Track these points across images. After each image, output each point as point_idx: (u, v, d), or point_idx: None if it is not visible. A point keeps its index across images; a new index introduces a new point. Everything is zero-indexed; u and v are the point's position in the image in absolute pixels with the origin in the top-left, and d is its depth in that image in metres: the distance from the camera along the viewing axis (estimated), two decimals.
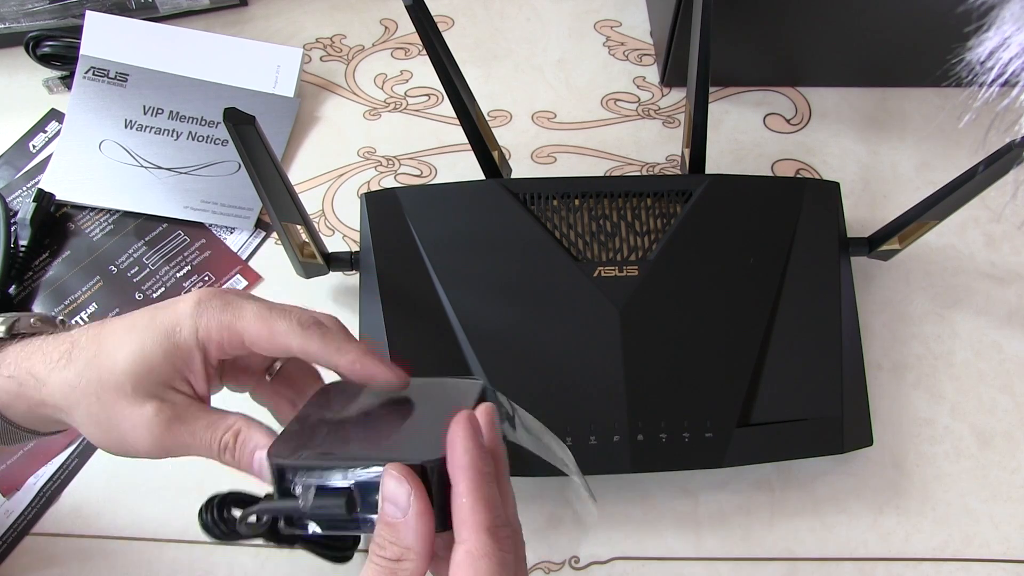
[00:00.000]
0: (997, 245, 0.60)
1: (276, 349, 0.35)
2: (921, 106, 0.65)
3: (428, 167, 0.63)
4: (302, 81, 0.66)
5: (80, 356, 0.35)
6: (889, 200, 0.61)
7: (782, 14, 0.60)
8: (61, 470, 0.52)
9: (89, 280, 0.58)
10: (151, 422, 0.34)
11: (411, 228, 0.51)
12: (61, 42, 0.64)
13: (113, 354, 0.35)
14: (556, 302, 0.50)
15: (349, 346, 0.35)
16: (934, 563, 0.50)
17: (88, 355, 0.35)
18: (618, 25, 0.70)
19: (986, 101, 0.29)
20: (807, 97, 0.66)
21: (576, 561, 0.49)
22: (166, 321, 0.35)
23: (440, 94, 0.66)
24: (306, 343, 0.35)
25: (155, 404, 0.34)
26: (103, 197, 0.60)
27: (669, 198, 0.52)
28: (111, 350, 0.35)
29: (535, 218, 0.51)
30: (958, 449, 0.53)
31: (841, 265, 0.52)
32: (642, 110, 0.65)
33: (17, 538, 0.50)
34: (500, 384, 0.48)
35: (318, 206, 0.61)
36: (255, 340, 0.35)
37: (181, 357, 0.35)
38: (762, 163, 0.63)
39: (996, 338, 0.56)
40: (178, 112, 0.63)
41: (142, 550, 0.50)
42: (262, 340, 0.35)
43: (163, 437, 0.34)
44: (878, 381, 0.55)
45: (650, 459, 0.47)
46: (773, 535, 0.50)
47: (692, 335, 0.49)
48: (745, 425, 0.48)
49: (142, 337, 0.35)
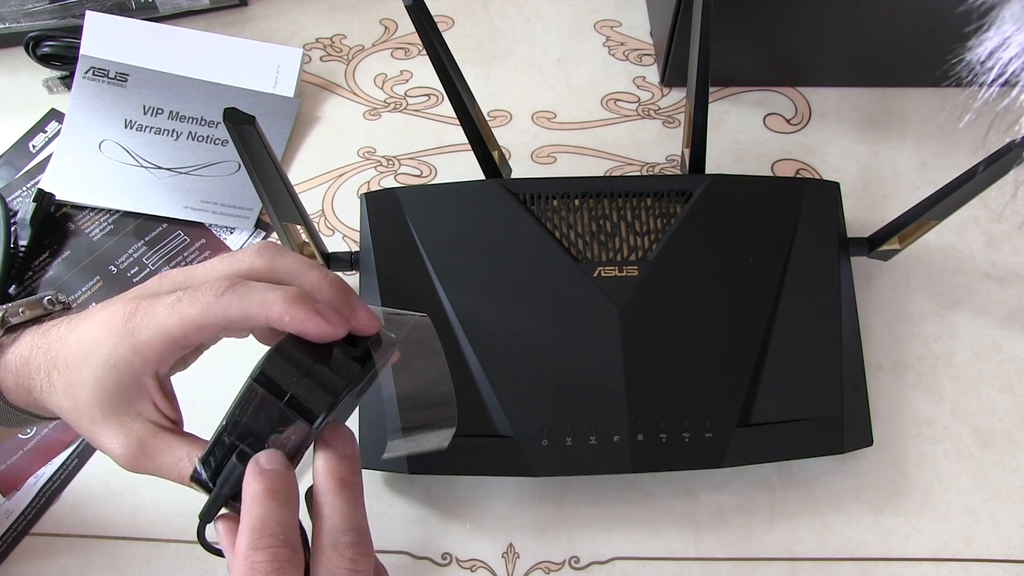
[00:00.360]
0: (997, 245, 0.60)
1: (208, 335, 0.33)
2: (921, 106, 0.65)
3: (428, 167, 0.63)
4: (302, 81, 0.66)
5: (58, 383, 0.35)
6: (889, 200, 0.61)
7: (782, 14, 0.60)
8: (61, 470, 0.52)
9: (89, 280, 0.58)
10: (120, 456, 0.34)
11: (411, 228, 0.51)
12: (61, 42, 0.64)
13: (80, 383, 0.34)
14: (556, 302, 0.50)
15: (273, 297, 0.32)
16: (934, 563, 0.50)
17: (63, 383, 0.34)
18: (618, 25, 0.70)
19: (986, 101, 0.28)
20: (807, 97, 0.66)
21: (576, 561, 0.49)
22: (107, 347, 0.33)
23: (440, 94, 0.66)
24: (226, 314, 0.32)
25: (121, 438, 0.34)
26: (103, 197, 0.60)
27: (669, 198, 0.52)
28: (76, 381, 0.34)
29: (535, 218, 0.51)
30: (958, 449, 0.53)
31: (841, 265, 0.52)
32: (642, 110, 0.65)
33: (17, 538, 0.50)
34: (500, 384, 0.48)
35: (318, 206, 0.61)
36: (185, 336, 0.32)
37: (131, 384, 0.34)
38: (762, 163, 0.63)
39: (996, 338, 0.56)
40: (178, 112, 0.63)
41: (142, 550, 0.50)
42: (189, 334, 0.32)
43: (134, 467, 0.34)
44: (878, 381, 0.55)
45: (650, 459, 0.47)
46: (773, 535, 0.50)
47: (692, 335, 0.49)
48: (745, 425, 0.48)
49: (94, 368, 0.33)
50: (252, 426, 0.32)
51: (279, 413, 0.32)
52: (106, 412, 0.34)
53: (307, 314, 0.32)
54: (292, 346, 0.33)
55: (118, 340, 0.33)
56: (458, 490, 0.51)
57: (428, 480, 0.51)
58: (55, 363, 0.35)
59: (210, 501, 0.33)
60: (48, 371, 0.35)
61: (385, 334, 0.35)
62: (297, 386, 0.32)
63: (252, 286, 0.32)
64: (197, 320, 0.32)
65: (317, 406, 0.32)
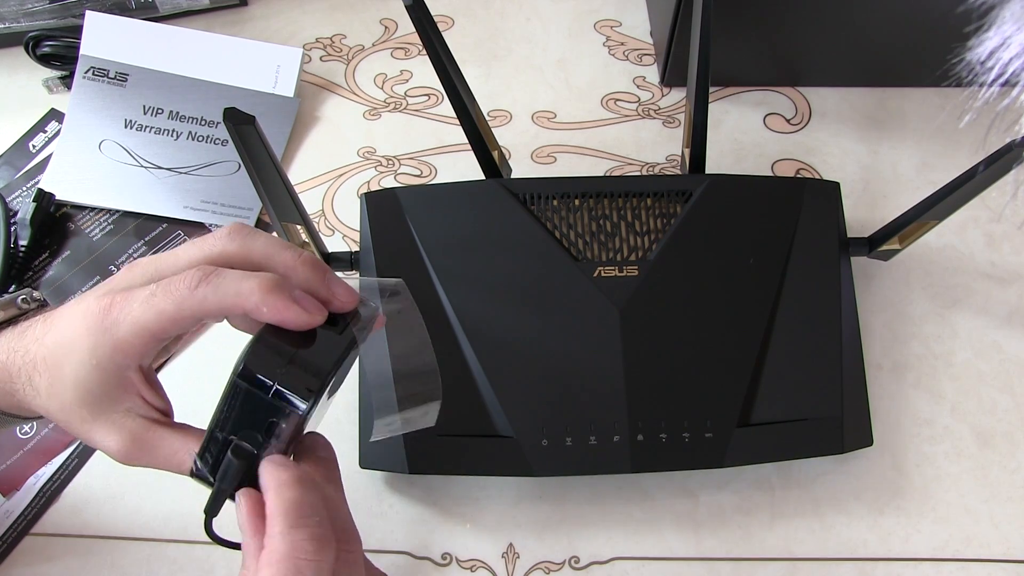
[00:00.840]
0: (997, 245, 0.60)
1: (185, 327, 0.32)
2: (921, 106, 0.65)
3: (428, 167, 0.63)
4: (302, 81, 0.66)
5: (41, 385, 0.34)
6: (889, 200, 0.61)
7: (782, 14, 0.60)
8: (61, 470, 0.52)
9: (89, 280, 0.58)
10: (115, 452, 0.34)
11: (411, 228, 0.51)
12: (61, 42, 0.64)
13: (63, 385, 0.33)
14: (556, 302, 0.50)
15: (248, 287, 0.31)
16: (934, 563, 0.50)
17: (46, 385, 0.34)
18: (618, 25, 0.70)
19: (986, 101, 0.28)
20: (807, 97, 0.66)
21: (576, 561, 0.49)
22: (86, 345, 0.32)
23: (440, 94, 0.66)
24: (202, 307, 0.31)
25: (114, 436, 0.33)
26: (103, 197, 0.60)
27: (669, 198, 0.52)
28: (59, 381, 0.33)
29: (535, 218, 0.51)
30: (958, 449, 0.53)
31: (841, 265, 0.52)
32: (642, 110, 0.65)
33: (17, 538, 0.50)
34: (500, 384, 0.48)
35: (318, 206, 0.61)
36: (162, 330, 0.32)
37: (115, 381, 0.33)
38: (762, 163, 0.63)
39: (996, 338, 0.56)
40: (178, 112, 0.63)
41: (142, 550, 0.50)
42: (167, 327, 0.32)
43: (130, 462, 0.34)
44: (878, 381, 0.55)
45: (650, 459, 0.47)
46: (773, 535, 0.50)
47: (692, 335, 0.49)
48: (745, 425, 0.48)
49: (75, 368, 0.33)
50: (242, 421, 0.32)
51: (267, 406, 0.32)
52: (94, 411, 0.33)
53: (284, 303, 0.31)
54: (272, 335, 0.32)
55: (97, 338, 0.32)
56: (458, 490, 0.51)
57: (428, 480, 0.51)
58: (35, 366, 0.34)
59: (213, 495, 0.33)
60: (29, 375, 0.34)
61: (364, 307, 0.35)
62: (282, 377, 0.31)
63: (226, 275, 0.32)
64: (173, 315, 0.32)
65: (304, 394, 0.32)
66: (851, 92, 0.66)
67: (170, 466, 0.34)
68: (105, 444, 0.34)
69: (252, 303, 0.31)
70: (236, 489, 0.33)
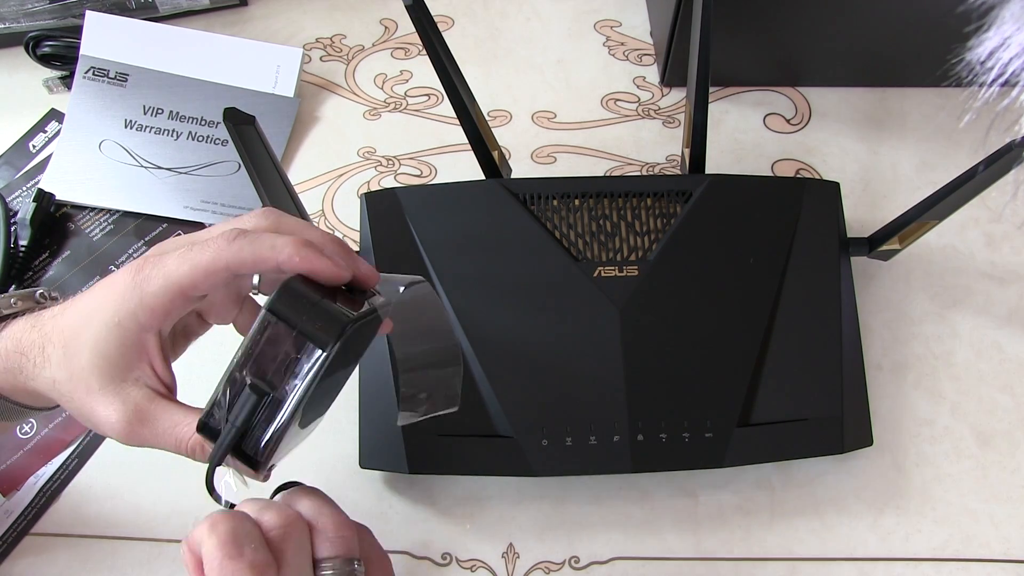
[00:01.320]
0: (997, 245, 0.60)
1: (216, 282, 0.34)
2: (921, 106, 0.65)
3: (428, 167, 0.63)
4: (302, 81, 0.66)
5: (52, 355, 0.35)
6: (889, 200, 0.61)
7: (782, 14, 0.60)
8: (61, 470, 0.52)
9: (89, 280, 0.58)
10: (116, 424, 0.34)
11: (411, 228, 0.51)
12: (61, 42, 0.64)
13: (77, 352, 0.34)
14: (556, 302, 0.50)
15: (282, 241, 0.33)
16: (934, 563, 0.50)
17: (58, 355, 0.35)
18: (618, 25, 0.70)
19: (986, 101, 0.28)
20: (807, 97, 0.66)
21: (576, 561, 0.49)
22: (110, 307, 0.34)
23: (440, 94, 0.66)
24: (238, 257, 0.33)
25: (117, 406, 0.34)
26: (103, 197, 0.60)
27: (669, 198, 0.52)
28: (75, 347, 0.34)
29: (535, 218, 0.51)
30: (958, 449, 0.53)
31: (841, 265, 0.52)
32: (642, 110, 0.65)
33: (17, 538, 0.50)
34: (500, 384, 0.48)
35: (318, 206, 0.61)
36: (194, 284, 0.33)
37: (133, 343, 0.34)
38: (762, 163, 0.63)
39: (996, 338, 0.56)
40: (178, 112, 0.63)
41: (142, 550, 0.50)
42: (199, 281, 0.33)
43: (130, 437, 0.34)
44: (878, 381, 0.55)
45: (650, 459, 0.47)
46: (773, 535, 0.50)
47: (692, 335, 0.49)
48: (745, 425, 0.48)
49: (96, 330, 0.34)
50: (267, 354, 0.32)
51: (293, 341, 0.32)
52: (103, 379, 0.34)
53: (316, 255, 0.33)
54: (300, 283, 0.33)
55: (125, 295, 0.33)
56: (458, 490, 0.51)
57: (428, 480, 0.51)
58: (50, 337, 0.35)
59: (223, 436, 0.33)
60: (42, 345, 0.35)
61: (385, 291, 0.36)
62: (310, 312, 0.32)
63: (262, 233, 0.34)
64: (207, 266, 0.33)
65: (330, 331, 0.32)
66: (851, 92, 0.66)
67: (169, 440, 0.34)
68: (107, 416, 0.34)
69: (286, 254, 0.33)
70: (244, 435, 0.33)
